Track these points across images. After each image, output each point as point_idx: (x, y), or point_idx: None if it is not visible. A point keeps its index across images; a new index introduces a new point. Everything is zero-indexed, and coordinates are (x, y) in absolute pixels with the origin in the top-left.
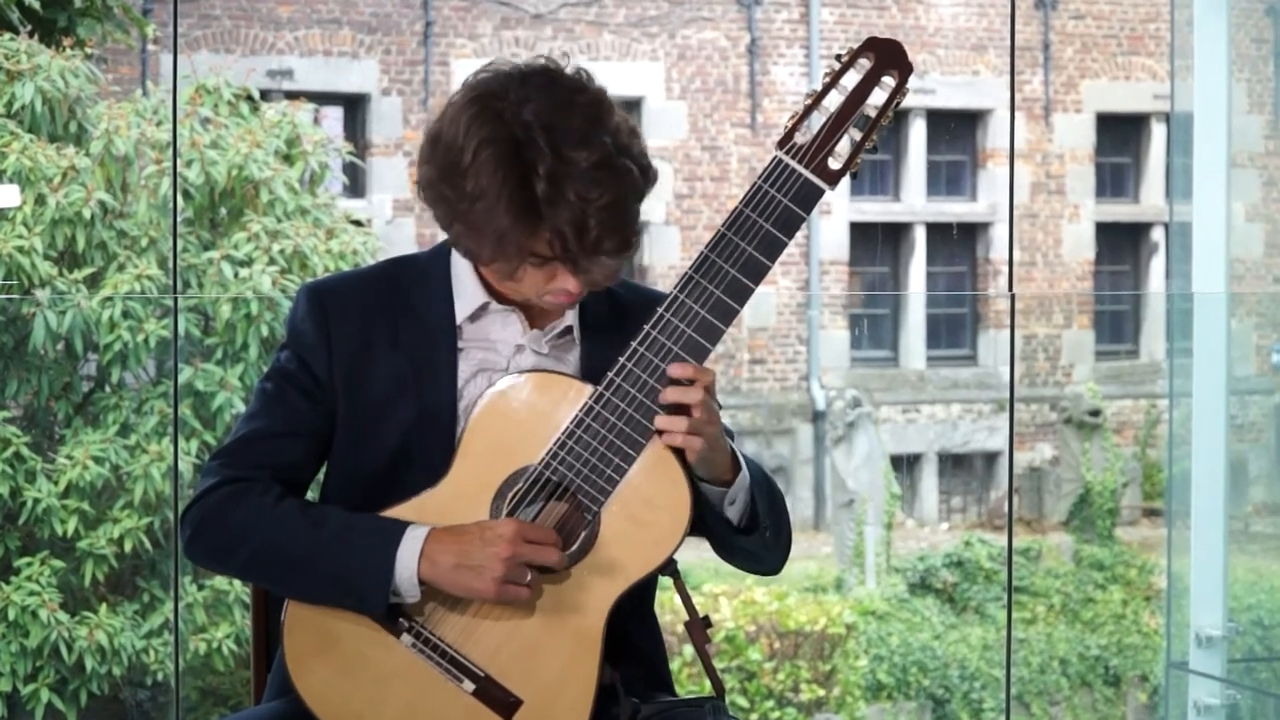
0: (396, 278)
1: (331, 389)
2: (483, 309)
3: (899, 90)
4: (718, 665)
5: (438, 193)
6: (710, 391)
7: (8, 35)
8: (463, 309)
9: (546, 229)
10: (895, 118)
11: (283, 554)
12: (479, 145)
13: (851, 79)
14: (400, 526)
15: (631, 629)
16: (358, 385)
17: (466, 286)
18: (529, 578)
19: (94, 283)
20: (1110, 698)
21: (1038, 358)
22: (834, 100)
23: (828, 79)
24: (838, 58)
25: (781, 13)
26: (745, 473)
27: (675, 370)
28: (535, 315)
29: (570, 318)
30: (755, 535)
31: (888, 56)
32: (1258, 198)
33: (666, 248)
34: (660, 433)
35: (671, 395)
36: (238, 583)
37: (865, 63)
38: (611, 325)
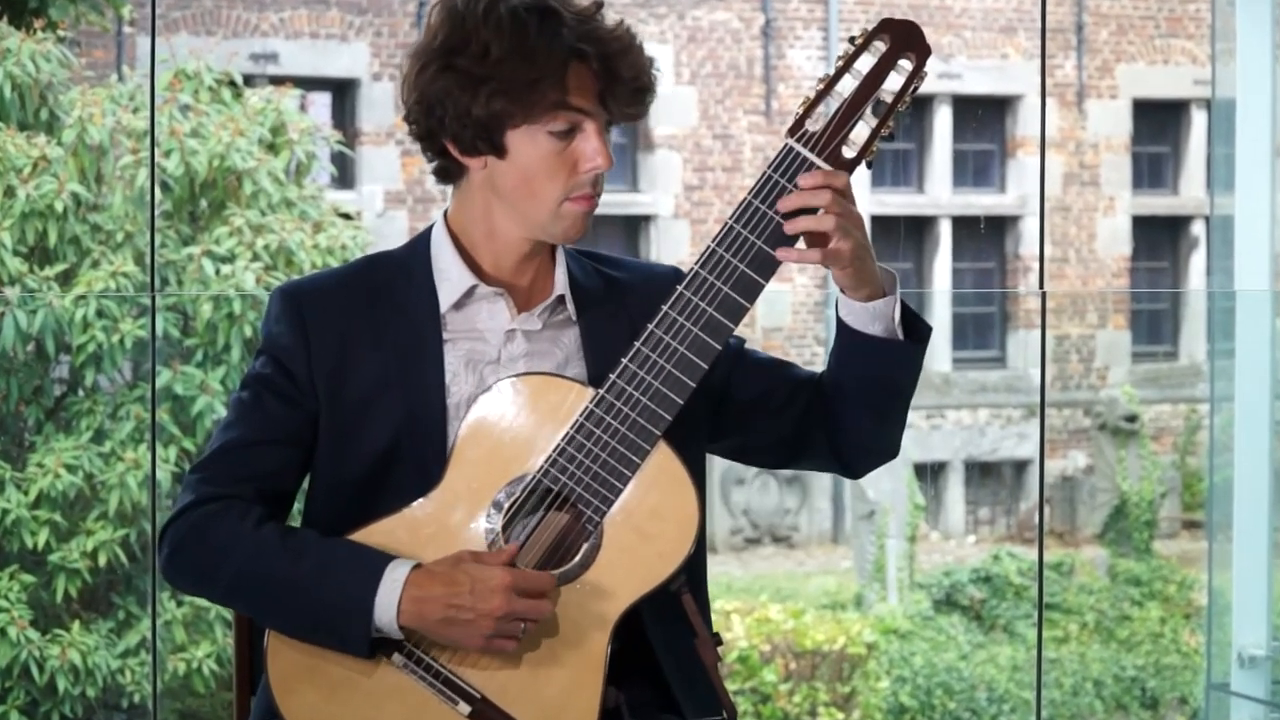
0: (373, 274)
1: (312, 391)
2: (469, 293)
3: (916, 74)
4: (730, 687)
5: (445, 68)
6: (845, 194)
7: None
8: (447, 296)
9: (581, 57)
10: (919, 104)
11: (260, 587)
12: (487, 9)
13: (866, 63)
14: (380, 565)
15: (654, 646)
16: (340, 387)
17: (451, 272)
18: (522, 628)
19: (66, 280)
20: None
21: (1070, 359)
22: (848, 85)
23: (840, 63)
24: (851, 40)
25: None
26: (896, 276)
27: (805, 181)
28: (523, 297)
29: (560, 285)
30: (927, 343)
31: (904, 38)
32: None
33: (675, 242)
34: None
35: (796, 200)
36: None
37: (880, 45)
38: (609, 299)
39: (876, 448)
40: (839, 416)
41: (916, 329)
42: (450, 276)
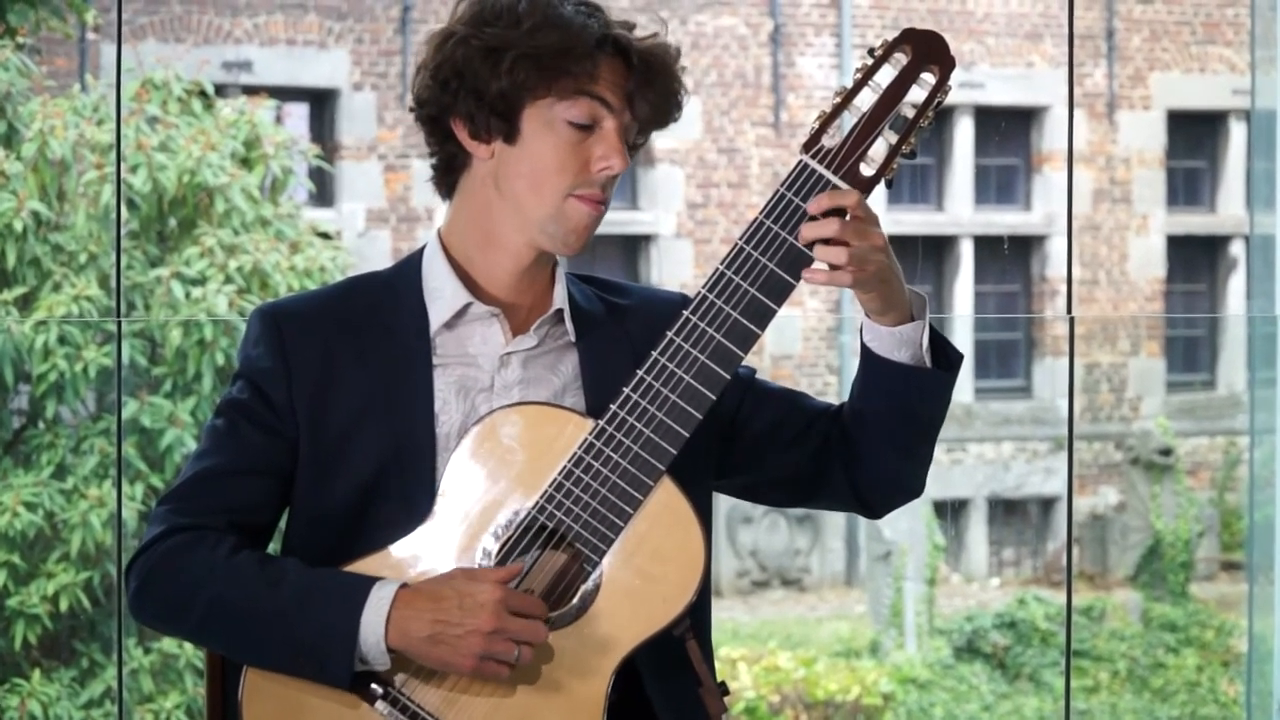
0: (359, 295)
1: (292, 417)
2: (463, 313)
3: (940, 88)
4: None
5: (469, 38)
6: (861, 215)
7: None
8: (438, 315)
9: (619, 50)
10: (937, 117)
11: (236, 616)
12: None
13: (886, 75)
14: (365, 585)
15: (651, 699)
16: (321, 414)
17: (445, 289)
18: (515, 654)
19: (26, 304)
20: None
21: (1101, 389)
22: (866, 99)
23: (859, 75)
24: (870, 52)
25: None
26: (925, 301)
27: (813, 207)
28: (519, 319)
29: (560, 300)
30: (958, 371)
31: (927, 50)
32: None
33: (677, 264)
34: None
35: (810, 232)
36: (189, 645)
37: (901, 57)
38: (611, 324)
39: (900, 485)
40: (860, 450)
41: (946, 355)
42: (443, 294)
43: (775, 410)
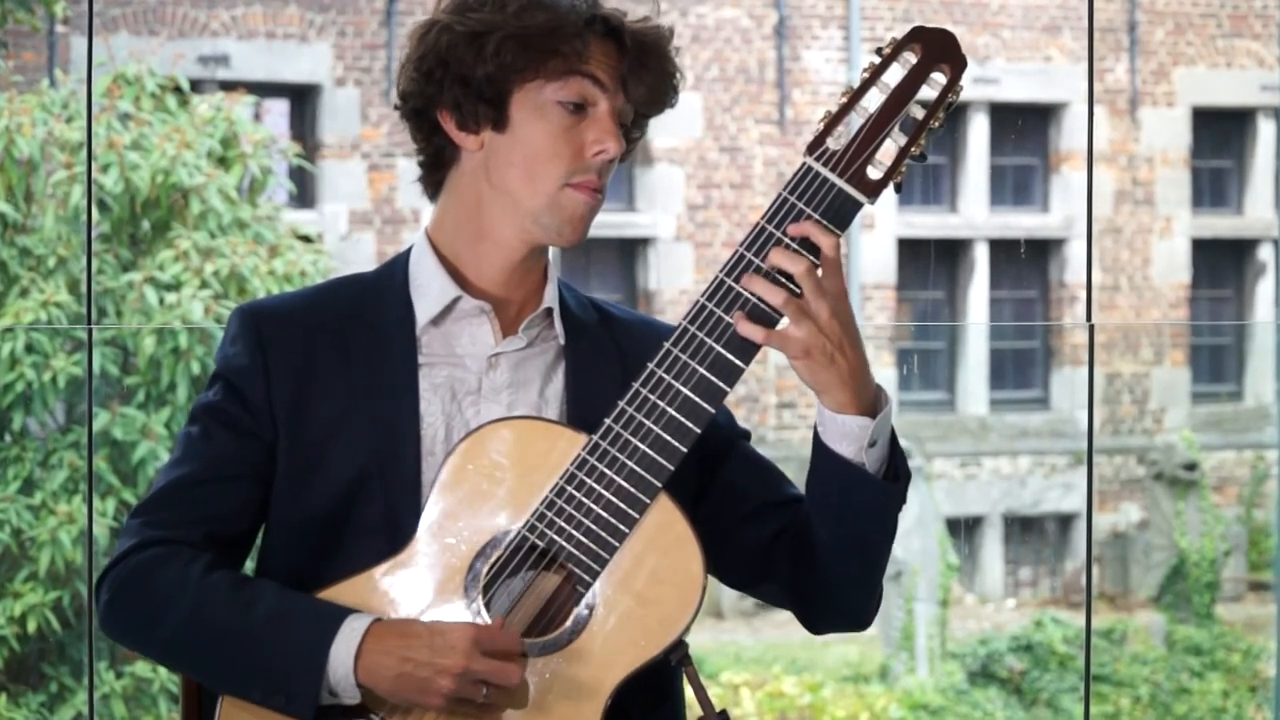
0: (343, 294)
1: (270, 419)
2: (451, 309)
3: (951, 88)
4: None
5: (453, 25)
6: (833, 268)
7: None
8: (426, 311)
9: (609, 31)
10: (950, 116)
11: (205, 637)
12: None
13: (894, 75)
14: (339, 616)
15: None
16: (301, 415)
17: (431, 286)
18: (484, 693)
19: None
20: None
21: (1122, 400)
22: (874, 100)
23: (866, 75)
24: (878, 51)
25: None
26: (889, 403)
27: (795, 229)
28: (509, 318)
29: (550, 298)
30: (903, 488)
31: (938, 49)
32: None
33: (677, 268)
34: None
35: (754, 287)
36: (163, 669)
37: (910, 57)
38: (603, 334)
39: (835, 597)
40: (803, 542)
41: (893, 468)
42: (430, 290)
43: (747, 477)
